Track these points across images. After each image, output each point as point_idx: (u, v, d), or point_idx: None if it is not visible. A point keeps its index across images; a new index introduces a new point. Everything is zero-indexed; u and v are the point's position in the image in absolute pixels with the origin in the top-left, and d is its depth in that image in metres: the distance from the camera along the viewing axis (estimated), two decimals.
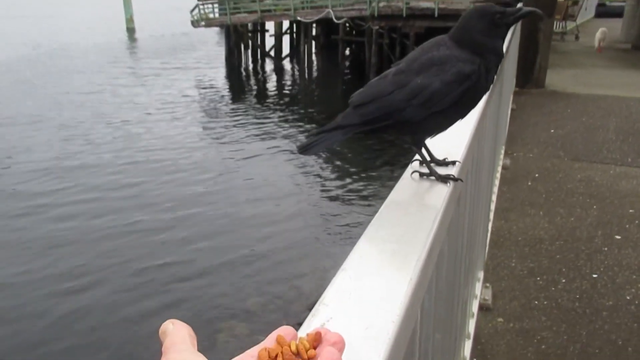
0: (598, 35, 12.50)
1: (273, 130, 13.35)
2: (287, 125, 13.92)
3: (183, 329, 0.45)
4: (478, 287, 2.82)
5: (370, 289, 0.61)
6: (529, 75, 7.89)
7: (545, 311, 2.92)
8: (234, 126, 13.74)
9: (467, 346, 2.26)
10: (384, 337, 0.53)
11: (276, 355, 0.46)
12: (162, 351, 0.43)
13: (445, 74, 0.97)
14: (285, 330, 0.49)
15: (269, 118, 14.70)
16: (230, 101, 17.14)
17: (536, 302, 3.01)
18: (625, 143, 5.58)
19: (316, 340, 0.48)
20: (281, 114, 15.35)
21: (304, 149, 1.02)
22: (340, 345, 0.47)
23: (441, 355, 1.29)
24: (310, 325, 0.55)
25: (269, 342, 0.48)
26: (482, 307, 2.89)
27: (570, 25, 15.26)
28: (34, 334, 5.35)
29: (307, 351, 0.46)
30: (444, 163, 1.13)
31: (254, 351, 0.47)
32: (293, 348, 0.47)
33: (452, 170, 1.10)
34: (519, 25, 5.93)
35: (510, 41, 4.26)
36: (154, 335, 0.46)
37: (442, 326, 1.22)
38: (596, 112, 6.73)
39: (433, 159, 1.13)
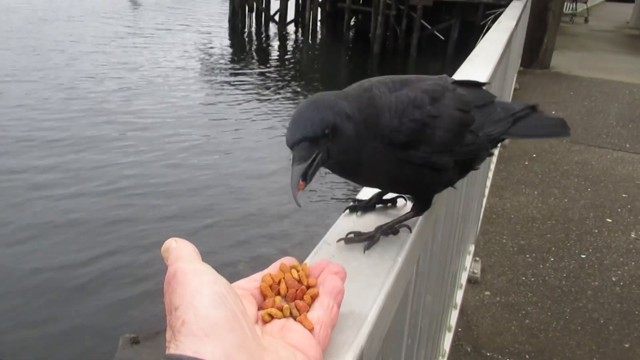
0: None
1: (272, 95, 13.25)
2: (287, 91, 13.81)
3: (187, 245, 0.45)
4: (468, 260, 2.87)
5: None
6: (535, 55, 7.82)
7: (531, 287, 2.98)
8: (234, 89, 13.62)
9: (454, 315, 2.32)
10: (384, 277, 0.55)
11: (279, 281, 0.48)
12: (167, 265, 0.43)
13: None
14: (288, 260, 0.51)
15: (270, 83, 14.57)
16: (231, 64, 16.94)
17: (523, 278, 3.07)
18: (625, 128, 5.59)
19: (317, 269, 0.50)
20: (282, 79, 15.21)
21: None
22: (342, 274, 0.50)
23: (429, 320, 1.33)
24: (311, 262, 0.57)
25: (273, 269, 0.50)
26: (470, 280, 2.95)
27: (581, 7, 15.06)
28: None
29: (307, 278, 0.49)
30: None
31: (257, 276, 0.49)
32: (295, 275, 0.49)
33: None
34: (529, 2, 5.85)
35: (520, 19, 4.22)
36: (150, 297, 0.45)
37: (433, 289, 1.25)
38: (599, 97, 6.72)
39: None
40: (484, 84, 0.88)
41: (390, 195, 0.82)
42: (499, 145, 0.89)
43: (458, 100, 0.76)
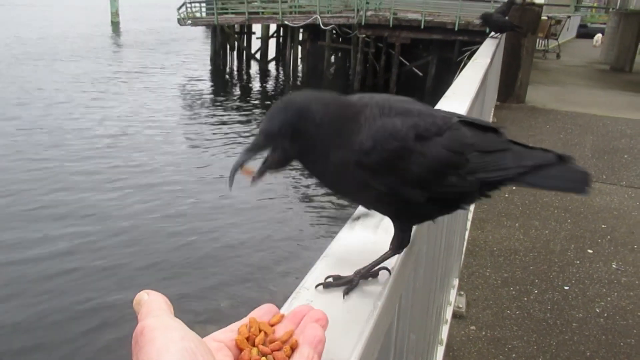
0: (596, 37, 18.75)
1: (254, 132, 13.31)
2: None
3: (159, 298, 0.43)
4: (452, 294, 2.85)
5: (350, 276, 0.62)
6: (511, 89, 8.02)
7: (517, 321, 2.96)
8: (216, 127, 13.67)
9: (440, 352, 2.28)
10: (364, 323, 0.53)
11: (257, 331, 0.46)
12: (138, 320, 0.42)
13: None
14: (266, 308, 0.49)
15: (251, 121, 14.67)
16: (213, 102, 17.04)
17: (508, 311, 3.05)
18: (601, 160, 5.71)
19: (298, 316, 0.48)
20: (263, 117, 15.31)
21: None
22: (323, 322, 0.48)
23: (414, 358, 1.30)
24: (290, 308, 0.55)
25: (250, 318, 0.48)
26: (455, 315, 2.92)
27: (553, 43, 15.59)
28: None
29: (287, 326, 0.47)
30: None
31: (234, 326, 0.47)
32: (274, 323, 0.47)
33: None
34: (503, 39, 6.03)
35: (494, 55, 4.34)
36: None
37: (417, 327, 1.23)
38: (574, 129, 6.88)
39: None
40: (498, 128, 0.82)
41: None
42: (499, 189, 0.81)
43: (454, 141, 0.73)
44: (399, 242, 0.75)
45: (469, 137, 0.75)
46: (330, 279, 0.67)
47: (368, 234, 0.79)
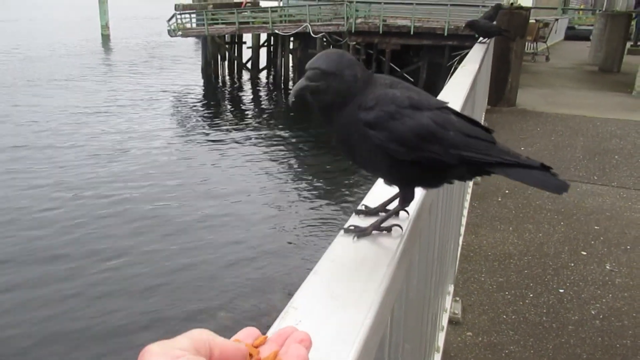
0: None
1: (247, 142, 13.32)
2: (261, 137, 13.91)
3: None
4: (448, 300, 2.85)
5: (340, 293, 0.61)
6: (501, 93, 8.06)
7: (513, 325, 2.96)
8: (209, 137, 13.66)
9: (437, 359, 2.27)
10: (353, 340, 0.53)
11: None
12: None
13: None
14: (248, 331, 0.49)
15: (244, 130, 14.67)
16: (205, 113, 17.04)
17: (504, 316, 3.05)
18: (592, 161, 5.74)
19: (282, 337, 0.48)
20: (256, 126, 15.34)
21: None
22: (307, 342, 0.47)
23: None
24: (279, 327, 0.55)
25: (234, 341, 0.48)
26: (451, 321, 2.91)
27: (541, 46, 15.71)
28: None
29: (271, 348, 0.46)
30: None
31: None
32: (258, 342, 0.47)
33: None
34: (492, 44, 6.08)
35: (483, 60, 4.37)
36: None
37: (411, 337, 1.22)
38: (565, 131, 6.92)
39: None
40: (489, 130, 0.94)
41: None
42: (480, 177, 0.95)
43: (440, 117, 0.86)
44: (403, 198, 0.89)
45: (455, 121, 0.88)
46: (352, 227, 0.84)
47: (357, 248, 0.79)
